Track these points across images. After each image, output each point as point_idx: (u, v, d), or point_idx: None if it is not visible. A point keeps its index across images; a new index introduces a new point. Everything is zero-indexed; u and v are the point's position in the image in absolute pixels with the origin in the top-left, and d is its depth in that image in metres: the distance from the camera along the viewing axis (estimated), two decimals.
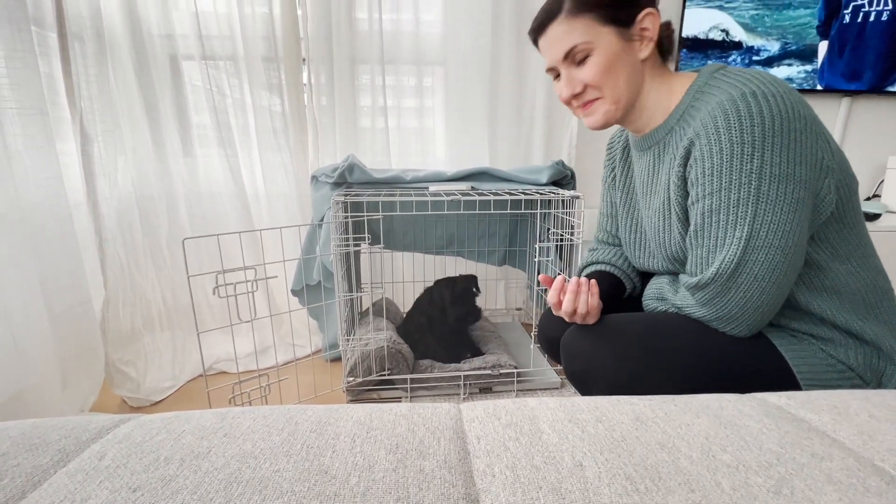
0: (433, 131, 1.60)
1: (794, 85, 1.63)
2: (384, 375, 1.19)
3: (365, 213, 1.21)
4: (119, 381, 1.19)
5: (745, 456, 0.34)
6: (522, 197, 1.15)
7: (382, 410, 0.41)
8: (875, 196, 1.73)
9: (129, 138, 1.28)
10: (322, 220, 1.29)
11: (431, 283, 1.43)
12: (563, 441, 0.36)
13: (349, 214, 1.17)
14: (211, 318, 1.43)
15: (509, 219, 1.58)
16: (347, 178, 1.26)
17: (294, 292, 1.41)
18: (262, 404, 1.06)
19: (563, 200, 1.24)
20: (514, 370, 1.23)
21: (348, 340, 1.23)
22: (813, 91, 1.65)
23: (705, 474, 0.32)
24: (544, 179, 1.32)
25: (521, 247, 1.60)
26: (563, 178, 1.38)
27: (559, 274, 0.75)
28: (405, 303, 1.64)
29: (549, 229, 1.35)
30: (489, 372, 1.22)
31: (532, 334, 1.44)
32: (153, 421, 0.41)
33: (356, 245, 1.28)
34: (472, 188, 1.27)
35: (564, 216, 1.26)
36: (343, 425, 0.39)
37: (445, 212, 1.17)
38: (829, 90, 1.66)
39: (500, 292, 1.71)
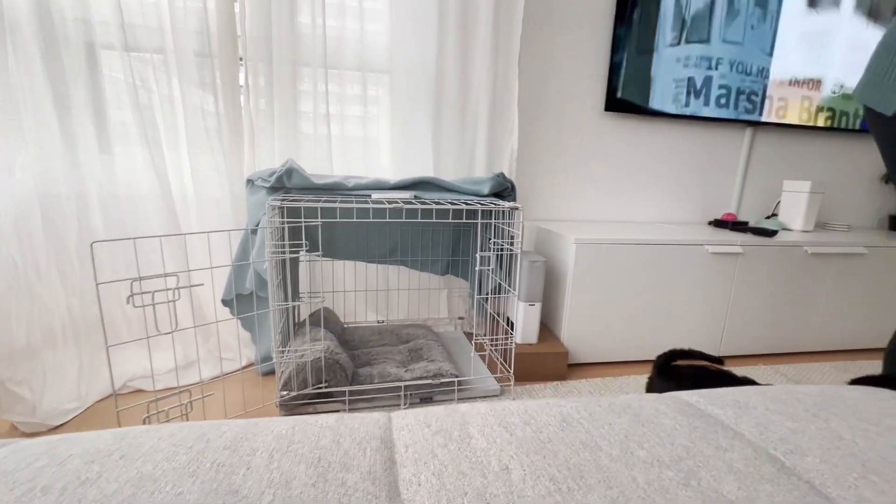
0: (377, 140, 1.58)
1: (708, 111, 1.81)
2: (321, 388, 1.14)
3: (303, 220, 1.17)
4: (8, 403, 1.04)
5: (659, 451, 0.35)
6: (464, 207, 1.17)
7: (307, 423, 0.39)
8: (773, 215, 1.94)
9: (31, 130, 1.14)
10: (257, 225, 1.22)
11: (374, 292, 1.40)
12: (491, 445, 0.36)
13: (286, 220, 1.12)
14: (127, 330, 1.30)
15: (452, 228, 1.59)
16: (286, 183, 1.21)
17: (224, 302, 1.32)
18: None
19: (503, 211, 1.27)
20: (455, 379, 1.23)
21: (283, 352, 1.17)
22: (720, 120, 1.84)
23: (623, 471, 0.33)
24: (486, 190, 1.35)
25: (464, 256, 1.62)
26: (504, 189, 1.42)
27: (500, 284, 0.76)
28: (346, 313, 1.60)
29: (490, 239, 1.38)
30: (430, 381, 1.21)
31: (473, 343, 1.46)
32: (34, 445, 0.35)
33: (293, 252, 1.23)
34: (416, 197, 1.27)
35: (505, 227, 1.29)
36: (261, 440, 0.36)
37: (387, 220, 1.16)
38: (734, 120, 1.85)
39: (443, 301, 1.72)
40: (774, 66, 1.83)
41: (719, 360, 1.00)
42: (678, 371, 0.99)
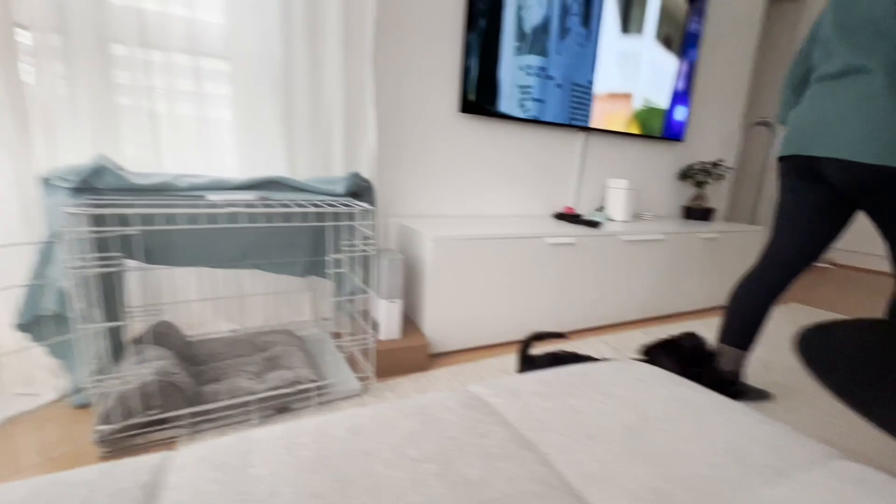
0: (220, 136, 1.45)
1: (547, 116, 2.04)
2: (152, 415, 1.02)
3: (115, 228, 1.02)
4: None
5: (428, 447, 0.40)
6: (312, 210, 1.14)
7: (55, 483, 0.35)
8: (602, 208, 2.29)
9: None
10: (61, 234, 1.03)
11: (226, 299, 1.29)
12: (269, 472, 0.36)
13: (96, 229, 0.97)
14: None
15: (311, 228, 1.54)
16: (94, 183, 1.04)
17: (21, 327, 1.10)
18: None
19: (355, 213, 1.27)
20: (314, 384, 1.21)
21: (100, 380, 1.01)
22: (558, 124, 2.08)
23: (388, 472, 0.37)
24: (341, 190, 1.33)
25: (325, 256, 1.58)
26: (361, 189, 1.42)
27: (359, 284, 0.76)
28: (193, 325, 1.45)
29: (347, 241, 1.37)
30: (286, 391, 1.17)
31: (334, 344, 1.44)
32: None
33: (111, 264, 1.07)
34: (263, 198, 1.20)
35: (361, 227, 1.29)
36: None
37: (220, 224, 1.07)
38: (569, 125, 2.12)
39: (307, 303, 1.66)
40: (597, 80, 2.13)
41: (562, 335, 1.14)
42: (535, 360, 1.12)
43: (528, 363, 1.10)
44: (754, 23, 2.74)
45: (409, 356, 1.46)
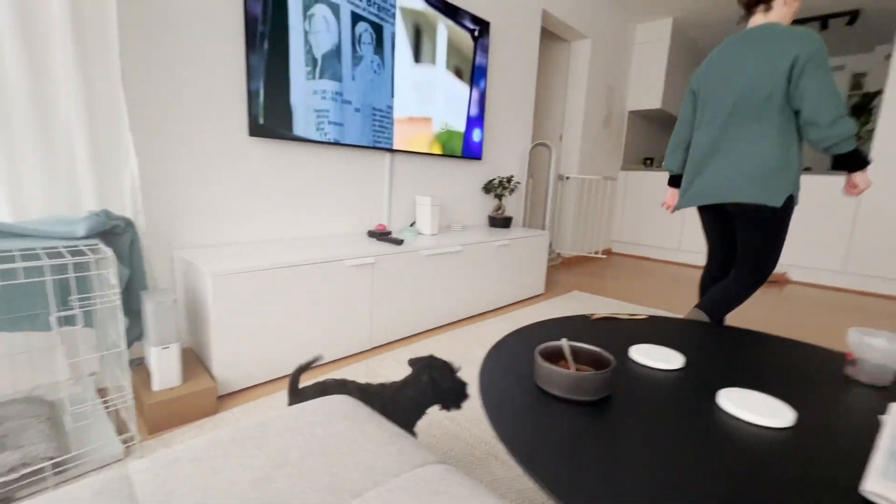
0: None
1: (349, 139, 2.11)
2: None
3: None
4: None
5: None
6: (20, 264, 0.98)
7: None
8: (413, 223, 2.46)
9: None
10: None
11: None
12: None
13: None
14: None
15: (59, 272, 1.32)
16: None
17: None
18: None
19: (98, 260, 1.14)
20: (50, 462, 1.05)
21: None
22: (366, 147, 2.18)
23: None
24: (82, 232, 1.17)
25: (74, 305, 1.37)
26: (115, 228, 1.27)
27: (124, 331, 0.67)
28: None
29: (85, 290, 1.21)
30: (6, 479, 0.99)
31: (104, 400, 1.24)
32: None
33: None
34: None
35: (105, 274, 1.16)
36: None
37: None
38: (374, 147, 2.23)
39: (61, 360, 1.42)
40: (397, 105, 2.28)
41: (310, 364, 1.15)
42: (302, 392, 1.13)
43: (298, 396, 1.13)
44: (532, 58, 3.25)
45: (192, 403, 1.36)
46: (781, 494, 0.55)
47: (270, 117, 1.82)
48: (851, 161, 1.44)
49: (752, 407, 0.72)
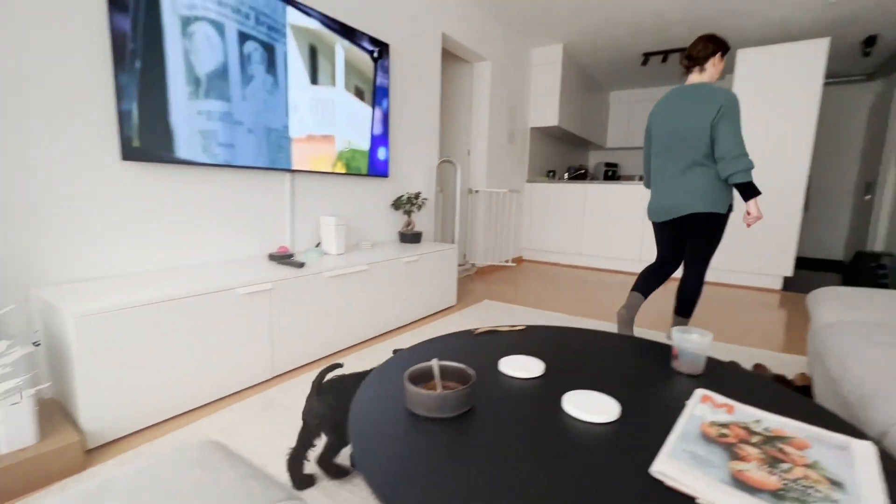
0: None
1: (242, 160, 2.03)
2: None
3: None
4: None
5: None
6: None
7: None
8: (318, 244, 2.42)
9: None
10: None
11: None
12: None
13: None
14: None
15: None
16: None
17: None
18: None
19: None
20: None
21: None
22: (265, 169, 2.11)
23: None
24: None
25: None
26: None
27: None
28: None
29: None
30: None
31: None
32: None
33: None
34: None
35: None
36: None
37: None
38: (274, 168, 2.17)
39: None
40: (293, 125, 2.25)
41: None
42: (323, 387, 1.18)
43: (321, 394, 1.17)
44: (435, 78, 3.38)
45: (52, 461, 1.22)
46: (596, 485, 0.64)
47: (147, 139, 1.70)
48: (747, 190, 1.91)
49: (588, 406, 0.83)
